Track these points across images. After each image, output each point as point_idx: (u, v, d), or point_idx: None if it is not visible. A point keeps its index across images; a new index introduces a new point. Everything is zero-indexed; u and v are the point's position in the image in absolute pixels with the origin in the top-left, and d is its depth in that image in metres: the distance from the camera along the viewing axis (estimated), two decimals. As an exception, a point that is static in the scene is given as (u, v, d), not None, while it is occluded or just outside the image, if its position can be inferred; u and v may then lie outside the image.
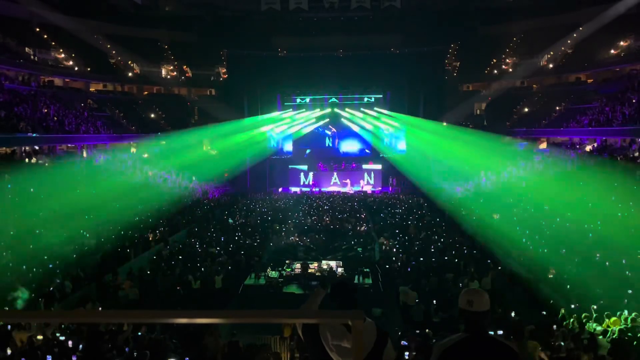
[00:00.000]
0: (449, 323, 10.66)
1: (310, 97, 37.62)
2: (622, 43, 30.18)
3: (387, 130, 37.90)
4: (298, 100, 37.61)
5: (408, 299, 12.41)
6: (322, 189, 34.65)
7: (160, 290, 13.67)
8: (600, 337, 8.59)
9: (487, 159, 27.80)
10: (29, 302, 11.13)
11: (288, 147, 38.44)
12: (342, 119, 38.06)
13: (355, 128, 38.12)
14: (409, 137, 36.39)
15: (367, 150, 37.87)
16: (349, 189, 34.76)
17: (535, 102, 37.19)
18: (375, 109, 37.34)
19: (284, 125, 37.53)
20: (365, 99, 37.52)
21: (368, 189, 35.01)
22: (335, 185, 35.75)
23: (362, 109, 37.66)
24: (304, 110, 37.70)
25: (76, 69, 33.78)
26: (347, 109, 37.81)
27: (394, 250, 17.15)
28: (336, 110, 37.85)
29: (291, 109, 37.65)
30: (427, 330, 9.72)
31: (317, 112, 37.67)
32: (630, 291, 10.85)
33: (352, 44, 38.44)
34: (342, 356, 2.72)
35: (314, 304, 3.09)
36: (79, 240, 15.92)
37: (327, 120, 38.02)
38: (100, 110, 33.66)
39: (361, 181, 35.78)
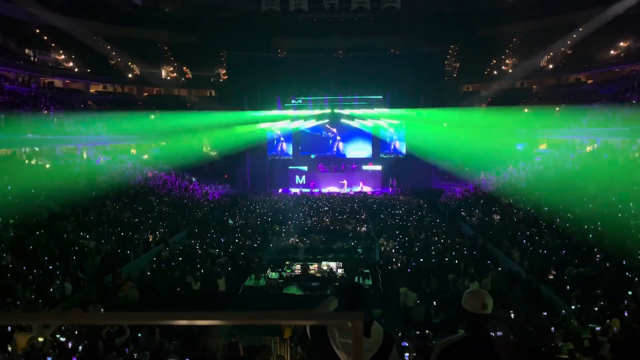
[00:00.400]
0: (449, 324, 10.65)
1: (310, 98, 37.66)
2: (621, 44, 30.19)
3: (388, 133, 38.00)
4: (299, 101, 37.65)
5: (408, 300, 12.42)
6: (320, 190, 34.62)
7: (161, 292, 13.67)
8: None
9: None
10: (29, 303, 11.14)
11: (289, 150, 38.48)
12: (343, 120, 38.10)
13: (356, 129, 38.19)
14: (410, 129, 36.48)
15: (372, 152, 37.98)
16: (345, 190, 34.74)
17: (535, 103, 37.14)
18: (376, 109, 37.38)
19: (283, 123, 37.64)
20: (366, 100, 37.53)
21: (367, 189, 35.00)
22: (332, 185, 35.71)
23: (362, 109, 37.69)
24: (304, 109, 37.76)
25: (76, 70, 33.80)
26: (347, 110, 37.83)
27: (394, 251, 17.14)
28: (336, 111, 37.88)
29: (292, 109, 37.70)
30: (427, 331, 9.73)
31: (317, 112, 37.74)
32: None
33: (352, 45, 38.48)
34: (348, 354, 2.74)
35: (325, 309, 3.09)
36: (79, 242, 15.92)
37: (327, 120, 38.05)
38: (100, 111, 33.65)
39: (361, 182, 35.75)
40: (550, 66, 34.81)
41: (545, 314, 10.55)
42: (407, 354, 7.48)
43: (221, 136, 34.14)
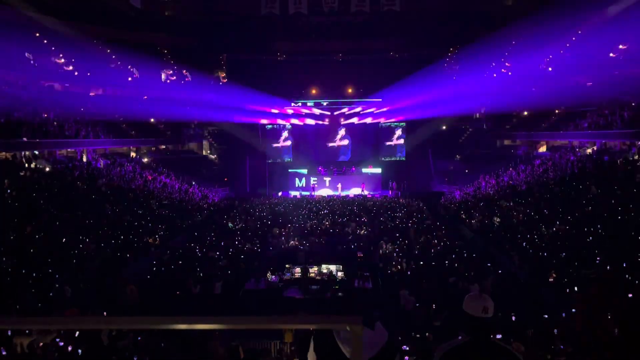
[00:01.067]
0: (449, 326, 10.65)
1: (310, 101, 37.77)
2: (620, 46, 30.24)
3: (388, 135, 38.11)
4: (299, 103, 37.76)
5: (408, 303, 12.41)
6: (314, 193, 34.61)
7: (160, 295, 13.66)
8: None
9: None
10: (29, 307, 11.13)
11: (289, 152, 38.61)
12: (342, 123, 38.21)
13: (355, 132, 38.28)
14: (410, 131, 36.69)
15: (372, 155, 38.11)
16: (339, 193, 34.74)
17: (534, 105, 37.15)
18: (376, 112, 37.46)
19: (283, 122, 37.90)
20: (365, 103, 37.63)
21: (365, 192, 34.94)
22: (326, 188, 35.69)
23: (361, 112, 37.77)
24: (303, 111, 37.90)
25: (76, 73, 33.83)
26: (347, 113, 37.93)
27: (394, 254, 17.14)
28: (336, 113, 38.00)
29: (291, 112, 37.85)
30: (427, 334, 9.72)
31: (317, 114, 37.87)
32: None
33: (352, 48, 38.57)
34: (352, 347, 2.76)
35: None
36: (78, 245, 15.92)
37: (327, 123, 38.15)
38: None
39: (362, 185, 35.65)
40: (550, 69, 34.85)
41: (546, 316, 10.55)
42: (407, 357, 7.48)
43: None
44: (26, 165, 22.26)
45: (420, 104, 34.34)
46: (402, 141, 38.00)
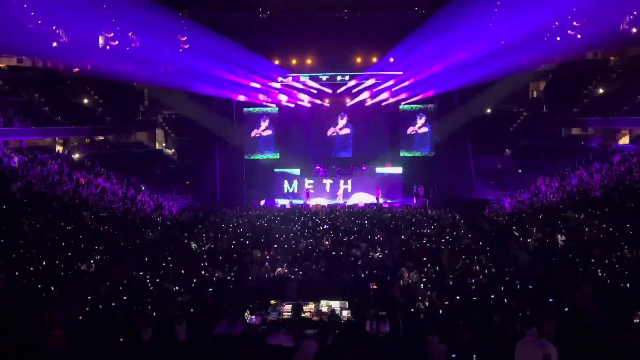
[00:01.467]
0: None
1: (303, 75, 37.75)
2: None
3: (411, 122, 38.15)
4: (289, 78, 37.75)
5: (438, 353, 12.41)
6: (309, 202, 34.68)
7: (97, 343, 13.63)
8: None
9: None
10: None
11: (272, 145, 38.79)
12: (347, 104, 38.23)
13: (366, 117, 38.32)
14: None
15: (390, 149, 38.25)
16: (344, 201, 34.75)
17: (613, 81, 37.26)
18: (394, 89, 37.47)
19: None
20: (380, 77, 37.65)
21: (381, 201, 34.94)
22: (321, 196, 35.72)
23: (375, 89, 37.79)
24: (294, 88, 37.99)
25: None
26: (354, 90, 37.95)
27: (421, 285, 17.16)
28: (339, 91, 38.02)
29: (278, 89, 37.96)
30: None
31: (313, 91, 37.92)
32: None
33: (362, 2, 38.58)
34: None
35: None
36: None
37: (327, 104, 38.19)
38: (14, 94, 33.73)
39: (377, 191, 35.65)
40: (635, 30, 34.95)
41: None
42: None
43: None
44: None
45: (453, 68, 33.92)
46: (426, 130, 38.00)
